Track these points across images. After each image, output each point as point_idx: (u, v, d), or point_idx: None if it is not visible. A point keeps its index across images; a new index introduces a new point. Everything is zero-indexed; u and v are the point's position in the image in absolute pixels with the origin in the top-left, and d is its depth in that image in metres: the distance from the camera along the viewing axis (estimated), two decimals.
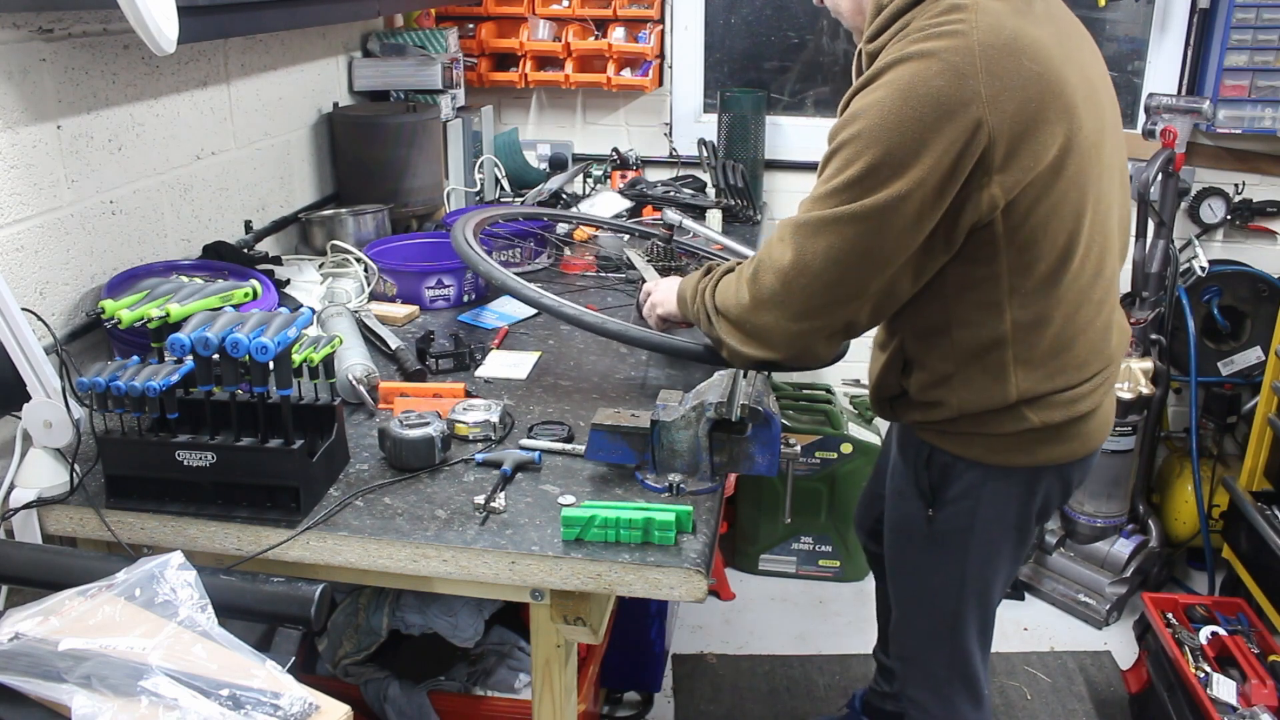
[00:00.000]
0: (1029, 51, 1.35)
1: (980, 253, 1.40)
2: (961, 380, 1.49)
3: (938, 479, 1.59)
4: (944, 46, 1.32)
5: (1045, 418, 1.50)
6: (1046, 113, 1.35)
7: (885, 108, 1.34)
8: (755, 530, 3.14)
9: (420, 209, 2.69)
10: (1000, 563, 1.64)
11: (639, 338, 1.80)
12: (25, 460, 1.49)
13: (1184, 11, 3.01)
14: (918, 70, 1.33)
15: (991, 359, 1.46)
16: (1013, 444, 1.53)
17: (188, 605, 1.05)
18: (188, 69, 2.08)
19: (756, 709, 2.63)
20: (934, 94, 1.31)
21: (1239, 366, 3.06)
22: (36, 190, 1.69)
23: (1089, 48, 1.52)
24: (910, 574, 1.73)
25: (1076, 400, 1.52)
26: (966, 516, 1.58)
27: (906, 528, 1.67)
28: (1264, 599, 2.61)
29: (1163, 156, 2.82)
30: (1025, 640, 2.92)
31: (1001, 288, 1.42)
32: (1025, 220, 1.38)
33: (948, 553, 1.63)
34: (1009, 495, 1.57)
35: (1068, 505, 3.00)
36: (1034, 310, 1.44)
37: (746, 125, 3.10)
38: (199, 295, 1.54)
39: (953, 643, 1.69)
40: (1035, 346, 1.46)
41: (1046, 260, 1.42)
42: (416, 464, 1.54)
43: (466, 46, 3.15)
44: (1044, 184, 1.37)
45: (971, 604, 1.66)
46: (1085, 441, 1.57)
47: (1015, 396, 1.47)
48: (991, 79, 1.32)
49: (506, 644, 2.10)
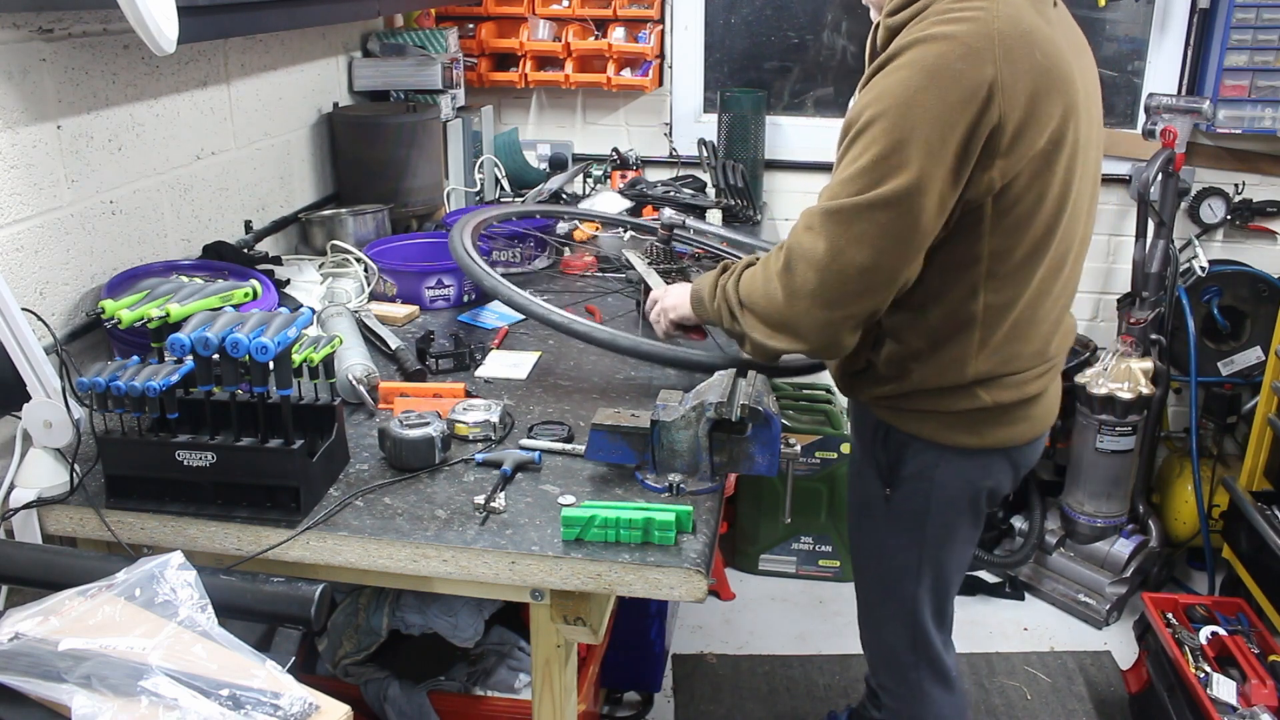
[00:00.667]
0: (1042, 46, 1.39)
1: (968, 232, 1.44)
2: (930, 356, 1.53)
3: (894, 457, 1.64)
4: (965, 30, 1.35)
5: (997, 397, 1.55)
6: (1050, 105, 1.39)
7: (909, 87, 1.36)
8: (755, 530, 3.14)
9: (420, 209, 2.69)
10: (955, 544, 1.69)
11: (628, 346, 1.80)
12: (25, 460, 1.49)
13: (1184, 11, 3.01)
14: (941, 51, 1.35)
15: (961, 338, 1.50)
16: (964, 423, 1.57)
17: (188, 605, 1.05)
18: (188, 69, 2.08)
19: (756, 709, 2.63)
20: (956, 75, 1.34)
21: (1239, 366, 3.06)
22: (36, 190, 1.69)
23: (1089, 60, 1.57)
24: (871, 555, 1.77)
25: (1025, 383, 1.57)
26: (922, 497, 1.64)
27: (867, 507, 1.73)
28: (1264, 599, 2.61)
29: (1163, 156, 2.82)
30: (1025, 640, 2.92)
31: (980, 270, 1.46)
32: (1014, 205, 1.42)
33: (906, 532, 1.68)
34: (961, 477, 1.62)
35: (1067, 505, 3.01)
36: (1004, 295, 1.48)
37: (746, 125, 3.10)
38: (199, 295, 1.54)
39: (914, 626, 1.74)
40: (997, 330, 1.50)
41: (1024, 247, 1.46)
42: (416, 464, 1.54)
43: (466, 46, 3.15)
44: (1034, 171, 1.41)
45: (928, 584, 1.71)
46: (1033, 425, 1.62)
47: (971, 376, 1.52)
48: (1008, 65, 1.35)
49: (506, 644, 2.10)
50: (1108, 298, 3.29)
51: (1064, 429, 3.02)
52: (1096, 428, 2.86)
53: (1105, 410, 2.84)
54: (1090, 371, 2.89)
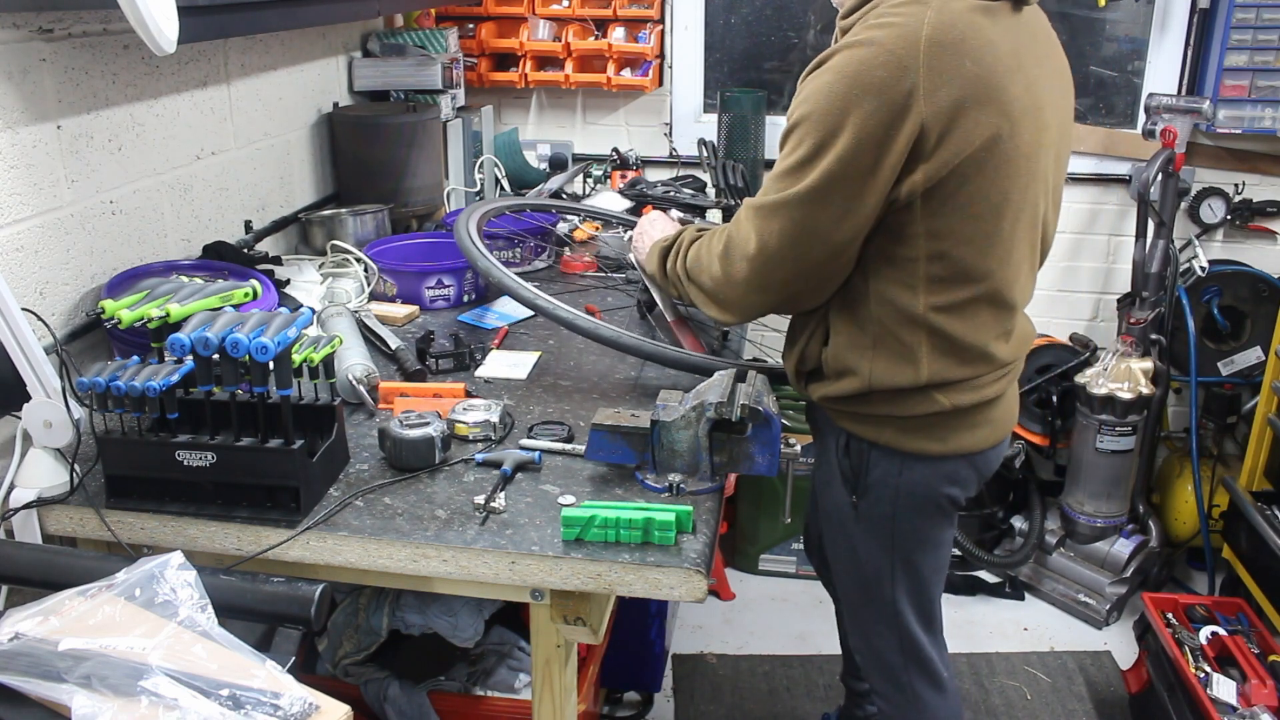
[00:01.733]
0: (974, 54, 1.38)
1: (899, 232, 1.46)
2: (876, 352, 1.53)
3: (858, 464, 1.64)
4: (890, 36, 1.37)
5: (955, 401, 1.55)
6: (977, 113, 1.39)
7: (831, 92, 1.39)
8: (755, 530, 3.14)
9: (420, 209, 2.69)
10: (927, 548, 1.69)
11: (631, 345, 1.80)
12: (25, 460, 1.49)
13: (1184, 11, 3.01)
14: (863, 57, 1.37)
15: (905, 338, 1.51)
16: (924, 428, 1.57)
17: (188, 605, 1.05)
18: (188, 69, 2.08)
19: (756, 709, 2.63)
20: (876, 84, 1.36)
21: (1239, 366, 3.06)
22: (36, 190, 1.69)
23: (1054, 65, 1.56)
24: (847, 563, 1.76)
25: (983, 386, 1.57)
26: (889, 504, 1.64)
27: (837, 517, 1.72)
28: (1264, 599, 2.61)
29: (1163, 156, 2.82)
30: (1025, 640, 2.92)
31: (918, 271, 1.48)
32: (942, 210, 1.43)
33: (876, 540, 1.68)
34: (924, 483, 1.62)
35: (1068, 505, 3.01)
36: (949, 296, 1.49)
37: (746, 125, 3.10)
38: (199, 295, 1.54)
39: (899, 630, 1.74)
40: (947, 332, 1.51)
41: (964, 250, 1.47)
42: (416, 464, 1.54)
43: (466, 46, 3.15)
44: (964, 175, 1.41)
45: (904, 589, 1.71)
46: (994, 429, 1.63)
47: (925, 379, 1.52)
48: (930, 74, 1.36)
49: (506, 644, 2.10)
50: (1108, 298, 3.29)
51: (1064, 429, 3.02)
52: (1096, 428, 2.86)
53: (1105, 410, 2.84)
54: (1090, 371, 2.89)
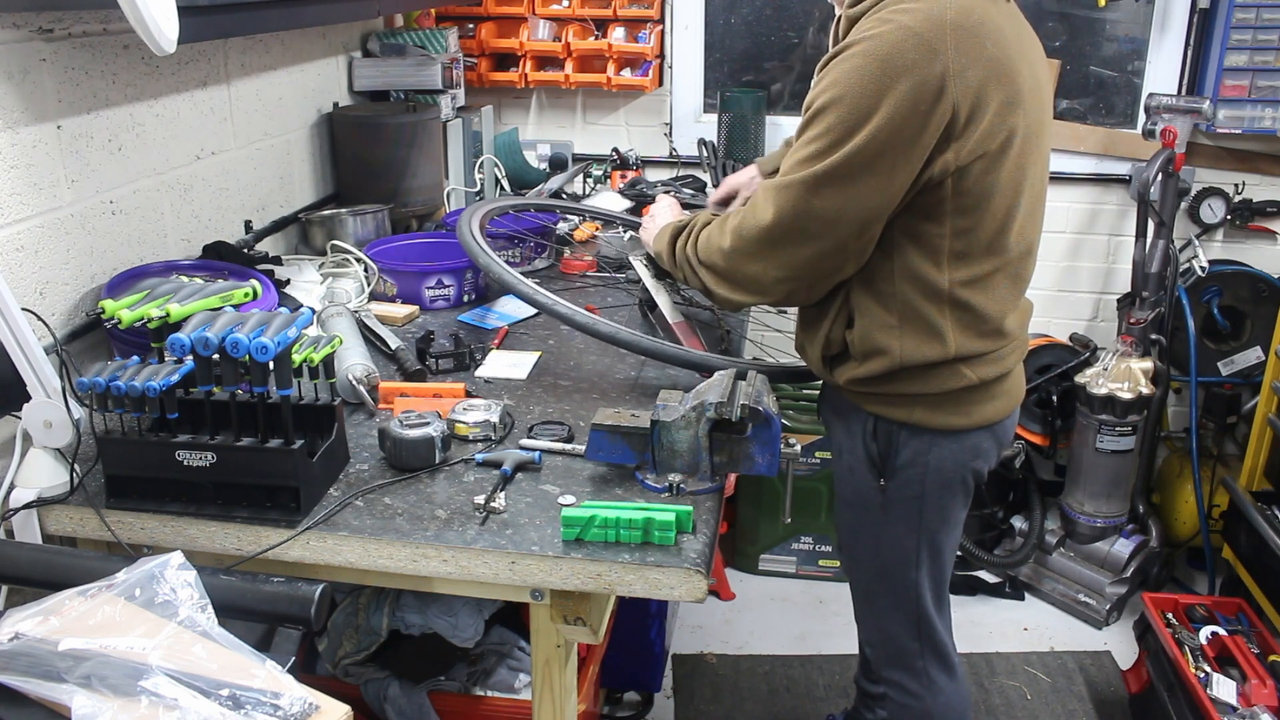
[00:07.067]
0: (993, 37, 1.45)
1: (929, 210, 1.50)
2: (903, 330, 1.56)
3: (885, 448, 1.67)
4: (917, 20, 1.41)
5: (980, 374, 1.60)
6: (1001, 95, 1.45)
7: (864, 74, 1.41)
8: (755, 530, 3.14)
9: (420, 209, 2.69)
10: (950, 525, 1.74)
11: (629, 340, 1.80)
12: (25, 460, 1.49)
13: (1184, 11, 3.01)
14: (893, 41, 1.41)
15: (930, 313, 1.55)
16: (950, 403, 1.61)
17: (188, 605, 1.05)
18: (188, 69, 2.08)
19: (756, 709, 2.63)
20: (908, 65, 1.40)
21: (1239, 366, 3.06)
22: (36, 190, 1.69)
23: (1038, 53, 1.63)
24: (870, 549, 1.78)
25: (1003, 358, 1.64)
26: (917, 483, 1.67)
27: (861, 502, 1.74)
28: (1264, 599, 2.61)
29: (1163, 156, 2.82)
30: (1025, 640, 2.92)
31: (944, 247, 1.51)
32: (973, 188, 1.48)
33: (903, 521, 1.71)
34: (953, 459, 1.66)
35: (1067, 505, 3.01)
36: (972, 271, 1.54)
37: (746, 125, 3.10)
38: (199, 295, 1.54)
39: (917, 613, 1.77)
40: (970, 307, 1.55)
41: (986, 226, 1.52)
42: (416, 464, 1.54)
43: (466, 46, 3.15)
44: (991, 155, 1.47)
45: (927, 569, 1.74)
46: (1009, 399, 1.70)
47: (954, 352, 1.56)
48: (959, 55, 1.41)
49: (506, 644, 2.10)
50: (1108, 298, 3.29)
51: (1064, 429, 3.02)
52: (1096, 428, 2.86)
53: (1105, 410, 2.84)
54: (1090, 371, 2.89)
